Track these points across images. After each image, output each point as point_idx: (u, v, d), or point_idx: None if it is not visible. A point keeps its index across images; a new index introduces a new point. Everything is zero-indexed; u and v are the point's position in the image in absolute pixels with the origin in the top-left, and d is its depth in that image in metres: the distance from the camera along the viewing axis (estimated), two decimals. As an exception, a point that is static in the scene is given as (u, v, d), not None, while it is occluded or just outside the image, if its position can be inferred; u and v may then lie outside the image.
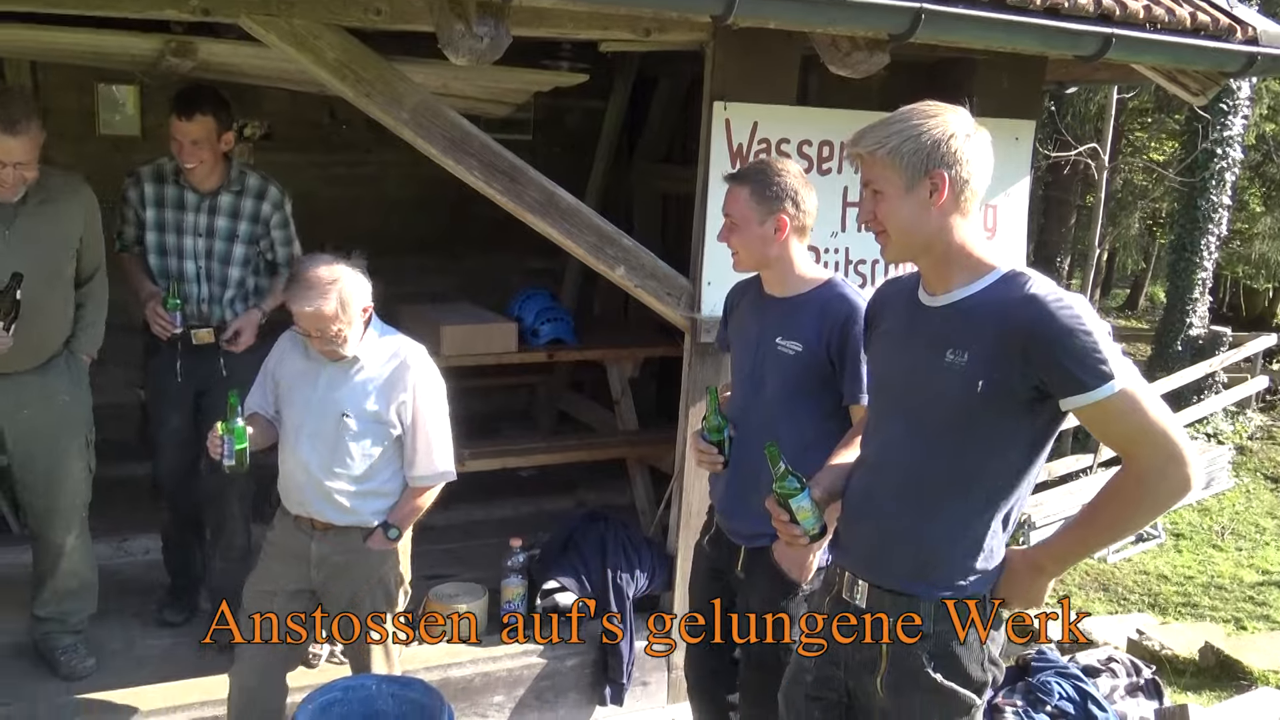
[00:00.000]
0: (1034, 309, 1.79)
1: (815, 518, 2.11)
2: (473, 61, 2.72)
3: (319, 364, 2.76)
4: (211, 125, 3.24)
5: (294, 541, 2.83)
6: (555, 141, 5.79)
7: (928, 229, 1.87)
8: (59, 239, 3.09)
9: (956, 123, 1.86)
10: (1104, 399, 1.76)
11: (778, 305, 2.63)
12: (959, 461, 1.90)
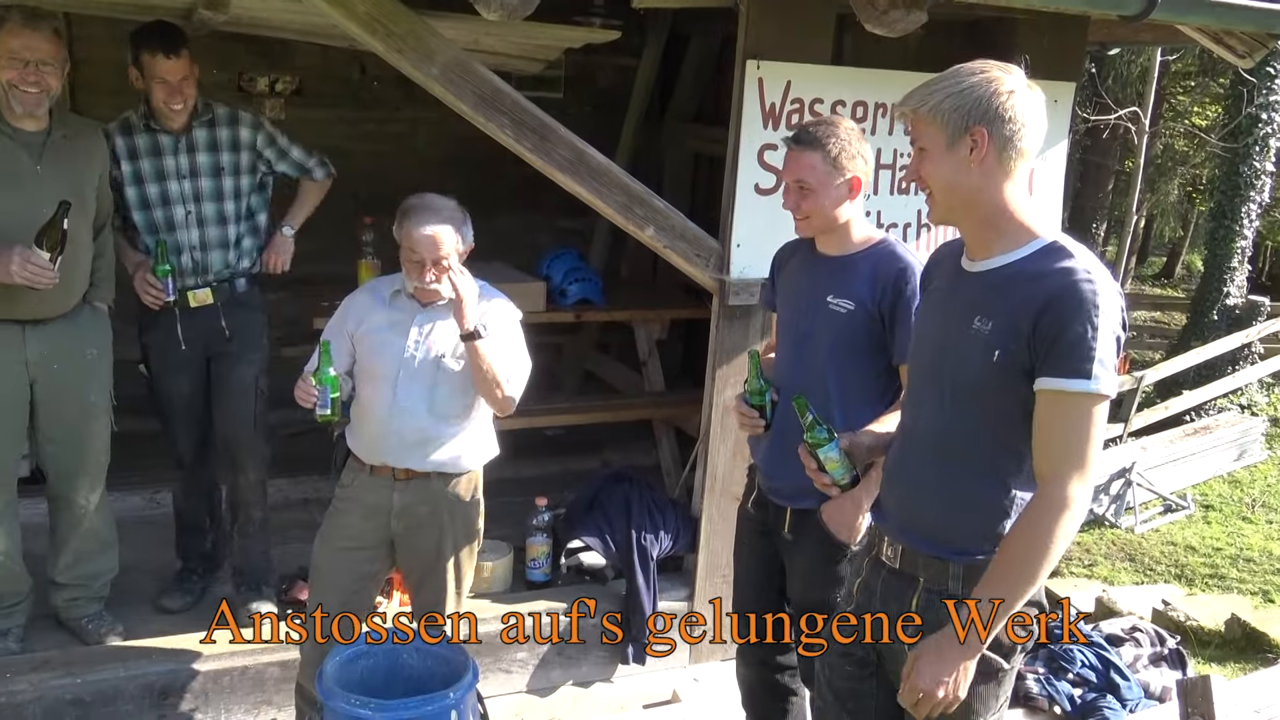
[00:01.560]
0: (1063, 279, 1.78)
1: (844, 468, 2.16)
2: (504, 17, 2.69)
3: (409, 313, 2.81)
4: (189, 60, 3.18)
5: (373, 494, 2.86)
6: (586, 100, 5.74)
7: (969, 187, 1.85)
8: (85, 175, 3.08)
9: (1002, 80, 1.83)
10: (1070, 393, 1.76)
11: (830, 264, 2.61)
12: (981, 431, 1.91)
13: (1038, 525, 1.79)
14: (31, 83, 2.85)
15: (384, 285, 2.90)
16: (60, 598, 3.33)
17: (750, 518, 2.84)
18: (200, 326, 3.34)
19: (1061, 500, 1.77)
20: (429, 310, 2.81)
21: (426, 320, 2.81)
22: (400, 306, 2.83)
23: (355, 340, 2.85)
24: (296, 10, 3.13)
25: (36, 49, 2.83)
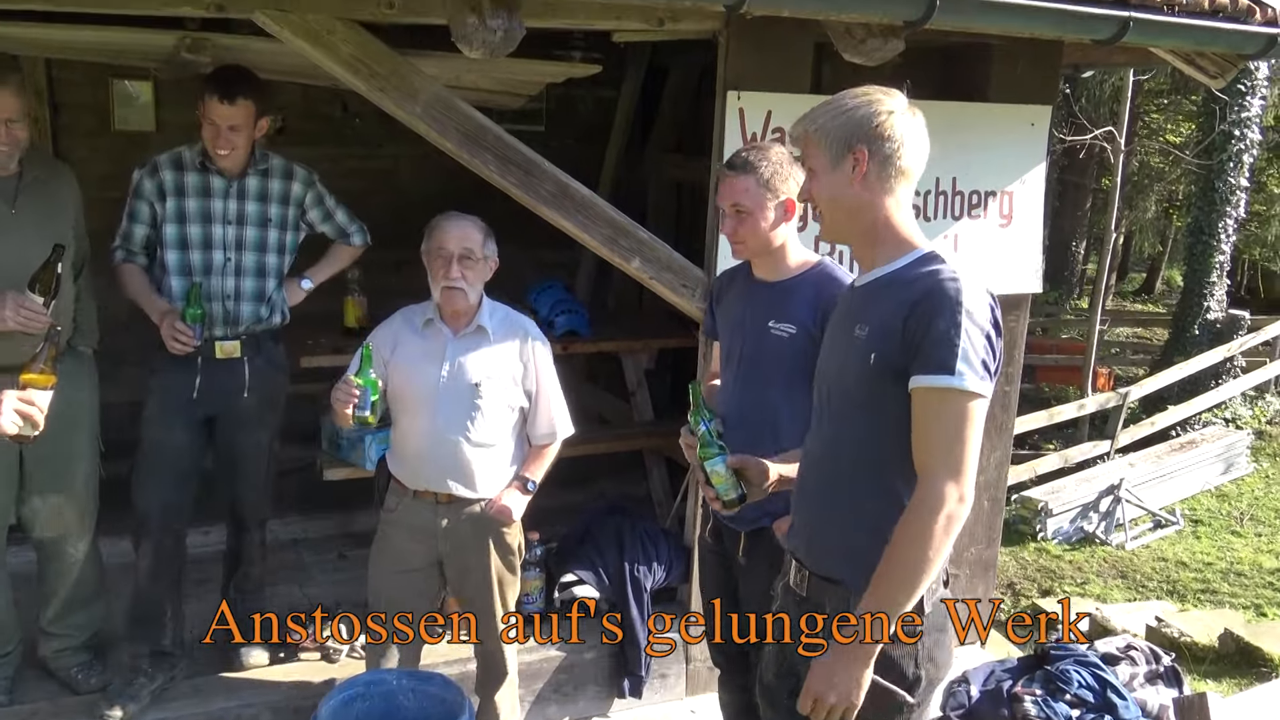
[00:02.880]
0: (929, 281, 1.84)
1: (729, 484, 2.25)
2: (487, 54, 2.72)
3: (442, 340, 2.87)
4: (251, 110, 3.10)
5: (418, 517, 2.94)
6: (568, 132, 5.78)
7: (852, 204, 1.93)
8: (62, 216, 3.03)
9: (883, 102, 1.91)
10: (936, 388, 1.79)
11: (769, 289, 2.63)
12: (866, 443, 1.94)
13: (912, 526, 1.80)
14: (3, 141, 2.81)
15: (416, 314, 2.95)
16: (49, 647, 3.28)
17: (709, 548, 2.84)
18: (220, 380, 3.22)
19: (934, 499, 1.78)
20: (461, 339, 2.88)
21: (460, 348, 2.87)
22: (433, 335, 2.89)
23: (390, 368, 2.90)
24: (279, 51, 3.13)
25: (5, 108, 2.78)
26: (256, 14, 2.79)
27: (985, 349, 1.80)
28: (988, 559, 4.31)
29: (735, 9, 2.80)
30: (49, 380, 2.27)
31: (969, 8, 3.00)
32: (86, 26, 2.96)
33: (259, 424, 3.33)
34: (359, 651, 3.50)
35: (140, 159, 3.33)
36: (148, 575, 3.28)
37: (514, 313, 3.02)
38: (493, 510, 2.94)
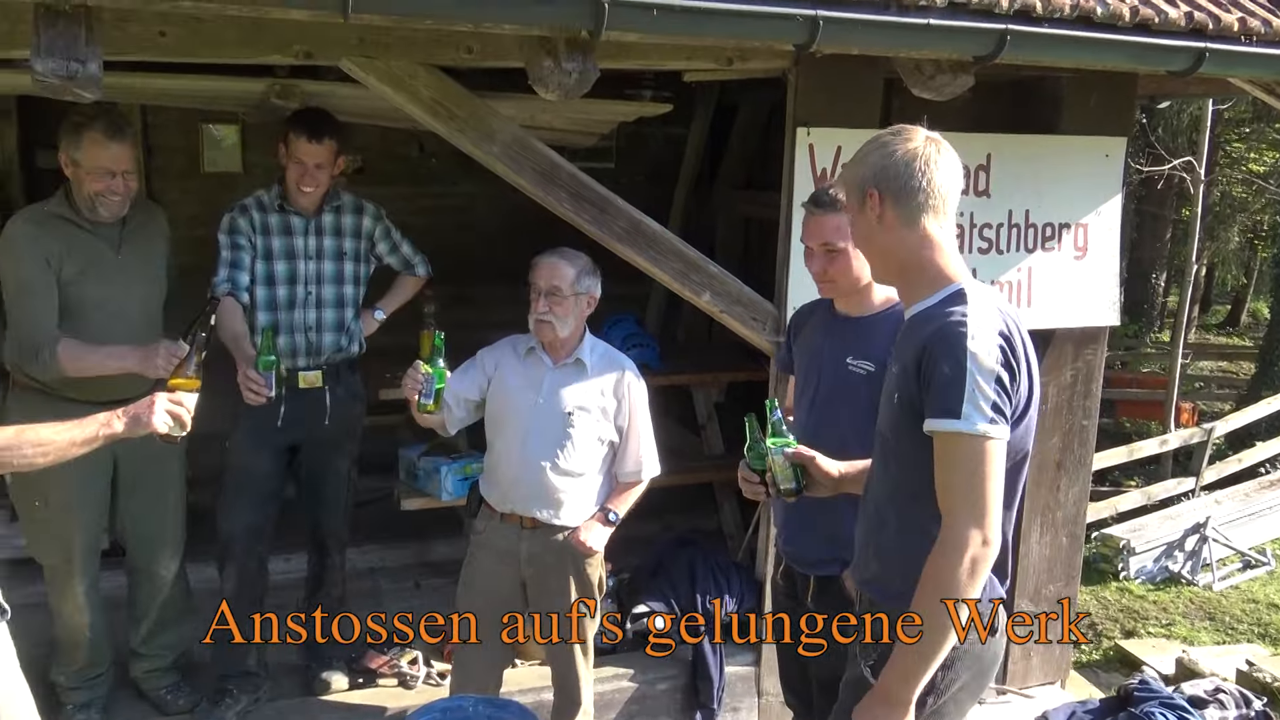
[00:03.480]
0: (940, 324, 1.85)
1: (787, 475, 2.30)
2: (562, 96, 2.79)
3: (541, 370, 2.99)
4: (333, 149, 3.29)
5: (503, 540, 3.03)
6: (638, 169, 5.87)
7: (880, 246, 1.97)
8: (159, 258, 3.21)
9: (892, 141, 1.93)
10: (940, 431, 1.81)
11: (851, 325, 2.61)
12: (899, 479, 1.96)
13: (934, 570, 1.81)
14: (118, 191, 2.98)
15: (520, 342, 3.07)
16: (140, 668, 3.41)
17: (781, 589, 2.82)
18: (303, 408, 3.34)
19: (956, 542, 1.79)
20: (560, 369, 2.99)
21: (557, 378, 2.98)
22: (533, 363, 3.01)
23: (492, 382, 3.01)
24: (363, 96, 3.27)
25: (121, 160, 2.97)
26: (343, 61, 2.92)
27: (996, 390, 1.80)
28: (1066, 596, 4.22)
29: (805, 48, 2.84)
30: (195, 385, 2.40)
31: (1039, 42, 3.00)
32: (184, 75, 3.12)
33: (339, 451, 3.46)
34: (435, 679, 3.56)
35: (228, 200, 3.51)
36: (233, 598, 3.40)
37: (615, 351, 3.12)
38: (574, 541, 2.99)
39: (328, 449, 3.44)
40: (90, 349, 2.87)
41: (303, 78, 3.38)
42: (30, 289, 2.92)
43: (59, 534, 3.09)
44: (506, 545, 3.03)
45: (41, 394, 2.95)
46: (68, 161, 2.97)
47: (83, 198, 2.98)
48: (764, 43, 2.95)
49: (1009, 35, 2.93)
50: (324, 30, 2.80)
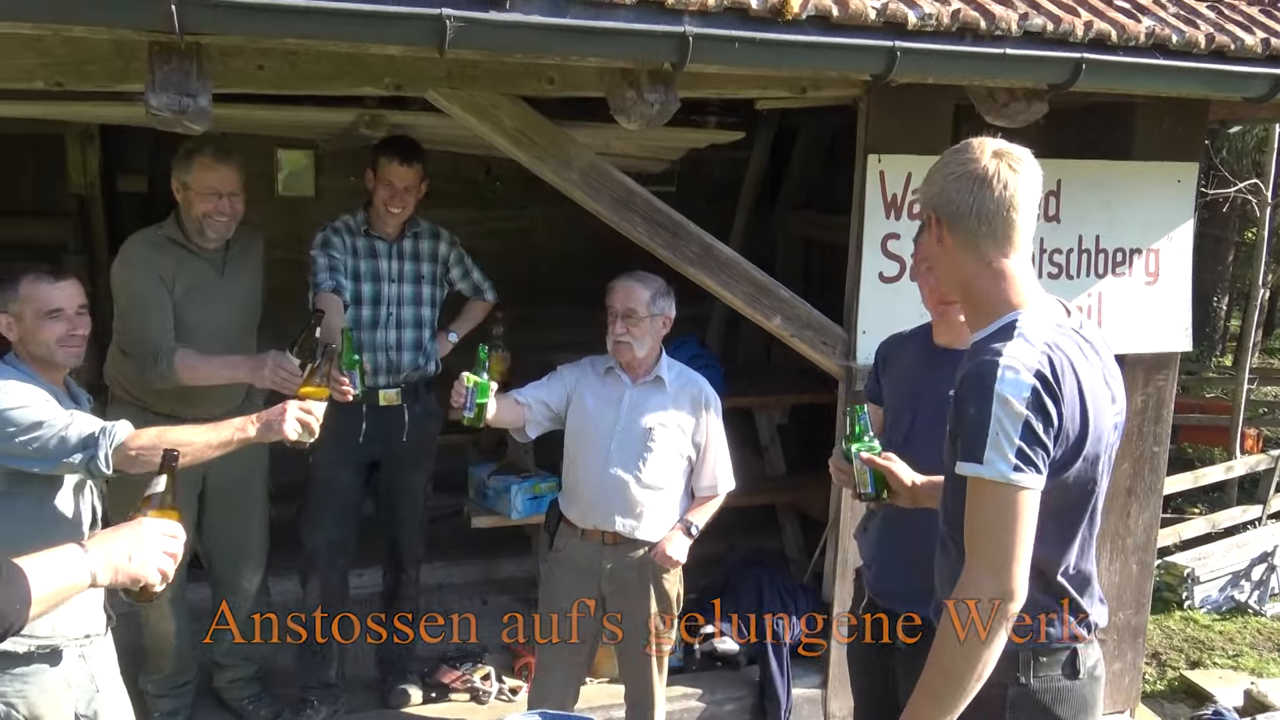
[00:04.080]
0: (976, 359, 1.77)
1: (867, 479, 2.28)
2: (643, 126, 2.87)
3: (621, 387, 3.07)
4: (420, 173, 3.42)
5: (584, 556, 3.10)
6: (698, 192, 5.93)
7: (943, 268, 1.91)
8: (257, 280, 3.37)
9: (950, 165, 1.82)
10: (965, 474, 1.74)
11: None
12: (951, 506, 1.89)
13: (954, 609, 1.74)
14: (224, 213, 3.13)
15: (600, 362, 3.15)
16: (223, 678, 3.52)
17: (861, 625, 2.67)
18: (383, 426, 3.46)
19: (971, 591, 1.72)
20: (639, 387, 3.07)
21: (637, 396, 3.06)
22: (612, 382, 3.09)
23: (572, 399, 3.09)
24: (446, 125, 3.37)
25: (228, 181, 3.11)
26: (430, 92, 3.03)
27: (1023, 437, 1.70)
28: (1137, 625, 4.18)
29: (881, 78, 2.89)
30: (324, 393, 2.50)
31: (1115, 70, 3.02)
32: (280, 106, 3.25)
33: (416, 468, 3.56)
34: (507, 694, 3.62)
35: (300, 223, 3.63)
36: (315, 609, 3.50)
37: (689, 370, 3.20)
38: (657, 557, 3.06)
39: (406, 466, 3.55)
40: (205, 358, 3.00)
41: (389, 108, 3.49)
42: (147, 302, 3.06)
43: None
44: (587, 562, 3.10)
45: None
46: (179, 186, 3.13)
47: (192, 220, 3.13)
48: (841, 72, 3.00)
49: (1084, 64, 2.95)
50: (414, 63, 2.91)
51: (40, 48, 2.67)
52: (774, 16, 2.71)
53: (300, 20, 2.34)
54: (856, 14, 2.76)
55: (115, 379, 3.22)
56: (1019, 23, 2.92)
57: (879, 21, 2.80)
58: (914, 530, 2.43)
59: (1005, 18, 2.91)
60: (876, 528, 2.62)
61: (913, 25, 2.83)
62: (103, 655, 2.56)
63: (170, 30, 2.27)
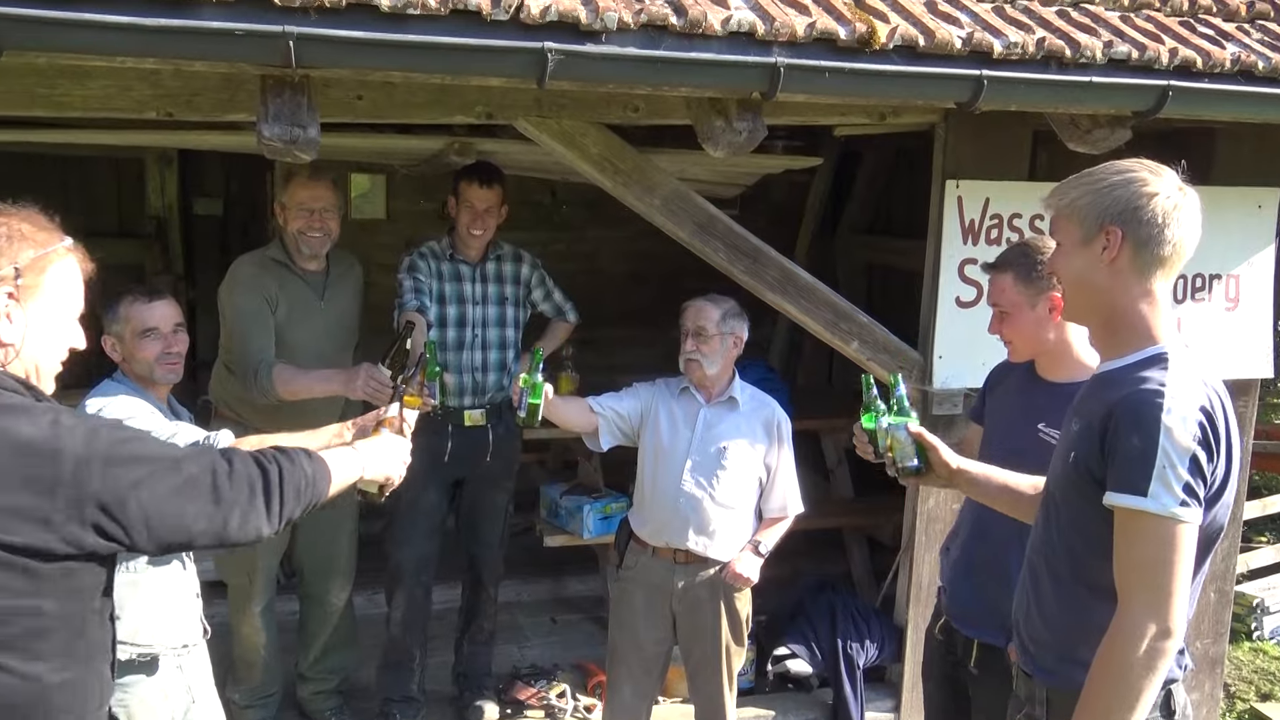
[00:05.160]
0: (1134, 390, 1.71)
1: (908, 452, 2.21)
2: (730, 154, 2.92)
3: (695, 406, 3.12)
4: (500, 195, 3.51)
5: (655, 575, 3.14)
6: (760, 214, 5.95)
7: (1095, 286, 1.80)
8: (354, 304, 3.47)
9: (1148, 181, 1.76)
10: (1122, 507, 1.68)
11: (1049, 390, 2.47)
12: (1061, 541, 1.85)
13: (1109, 660, 1.69)
14: (317, 228, 3.23)
15: (674, 383, 3.20)
16: (306, 690, 3.60)
17: (937, 644, 2.73)
18: (467, 445, 3.54)
19: (1131, 631, 1.66)
20: (714, 406, 3.12)
21: (712, 415, 3.11)
22: (687, 401, 3.14)
23: (646, 417, 3.14)
24: (528, 152, 3.45)
25: (320, 198, 3.24)
26: (519, 120, 3.10)
27: (1190, 471, 1.66)
28: (1215, 655, 4.13)
29: (966, 106, 2.92)
30: (419, 403, 2.54)
31: (1201, 97, 3.03)
32: (374, 134, 3.35)
33: (499, 487, 3.63)
34: (582, 712, 3.66)
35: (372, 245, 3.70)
36: (400, 625, 3.58)
37: (762, 392, 3.24)
38: (728, 576, 3.08)
39: (488, 485, 3.61)
40: (301, 372, 3.10)
41: (477, 135, 3.58)
42: (250, 318, 3.17)
43: (244, 557, 3.28)
44: (658, 580, 3.13)
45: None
46: (279, 207, 3.27)
47: (290, 238, 3.23)
48: (927, 100, 3.04)
49: (1170, 91, 2.96)
50: (505, 93, 2.99)
51: (154, 80, 2.79)
52: (861, 46, 2.75)
53: (410, 54, 2.42)
54: (943, 43, 2.80)
55: (219, 396, 3.33)
56: (1104, 50, 2.94)
57: (965, 50, 2.84)
58: (994, 555, 2.45)
59: (1090, 45, 2.93)
60: (958, 548, 2.63)
61: (998, 54, 2.86)
62: (198, 666, 2.64)
63: (286, 64, 2.36)
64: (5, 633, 1.43)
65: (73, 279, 1.61)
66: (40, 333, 1.56)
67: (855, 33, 2.73)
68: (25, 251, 1.52)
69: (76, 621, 1.52)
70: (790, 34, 2.66)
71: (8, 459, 1.42)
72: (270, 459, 1.69)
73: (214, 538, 1.59)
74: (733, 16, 2.62)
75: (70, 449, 1.44)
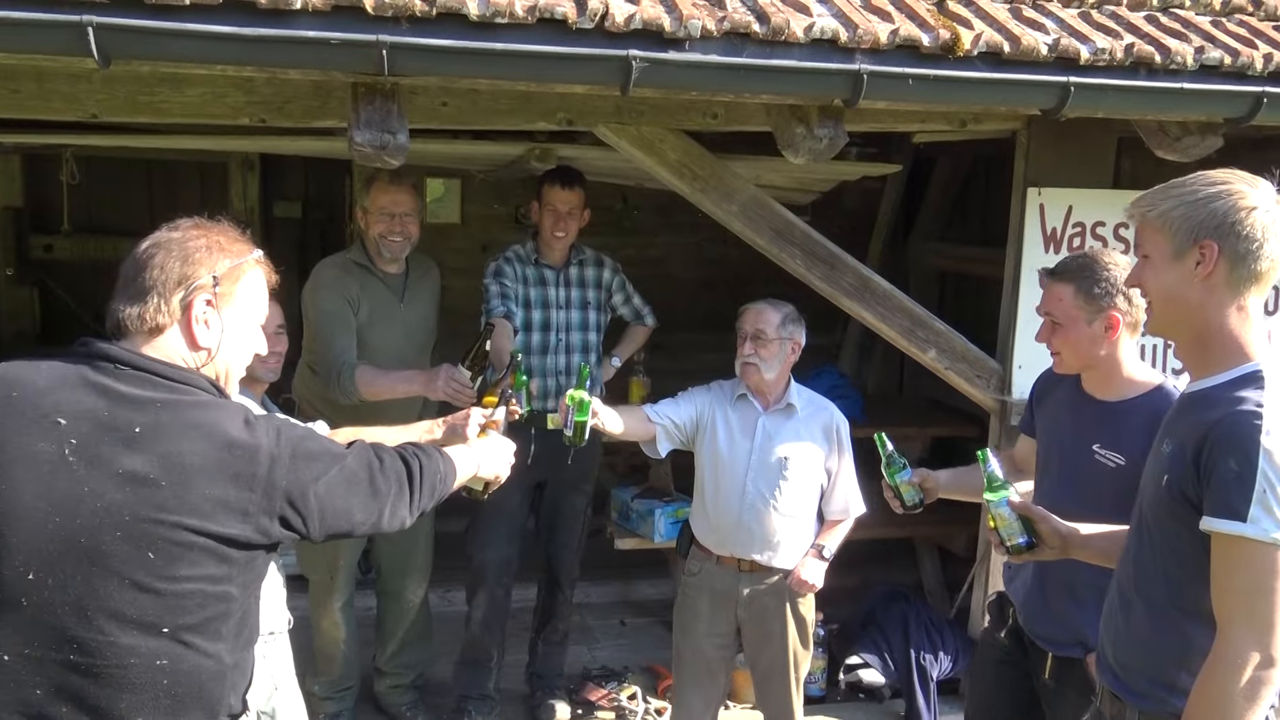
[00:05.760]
0: (1230, 412, 1.65)
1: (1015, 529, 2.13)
2: (810, 160, 2.92)
3: (754, 415, 3.08)
4: (581, 197, 3.55)
5: (720, 582, 3.12)
6: (832, 220, 5.90)
7: (1188, 302, 1.73)
8: (432, 307, 3.53)
9: (1245, 194, 1.69)
10: (1221, 533, 1.62)
11: (1099, 409, 2.41)
12: (1156, 563, 1.80)
13: (1209, 689, 1.64)
14: (397, 233, 3.30)
15: (729, 389, 3.16)
16: (383, 685, 3.67)
17: (997, 645, 2.68)
18: (550, 449, 3.51)
19: (1233, 659, 1.61)
20: (772, 414, 3.08)
21: (771, 423, 3.07)
22: (744, 409, 3.11)
23: (699, 424, 3.10)
24: (606, 158, 3.49)
25: (401, 203, 3.30)
26: (599, 127, 3.14)
27: None
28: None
29: (1052, 113, 2.88)
30: (494, 402, 2.55)
31: (1298, 103, 2.95)
32: (459, 140, 3.42)
33: (579, 491, 3.66)
34: (653, 715, 3.67)
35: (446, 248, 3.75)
36: (480, 624, 3.62)
37: (819, 395, 3.21)
38: (794, 583, 3.08)
39: (568, 488, 3.65)
40: (382, 373, 3.16)
41: (557, 141, 3.63)
42: (333, 320, 3.25)
43: (327, 552, 3.36)
44: (724, 587, 3.13)
45: None
46: (361, 211, 3.34)
47: (371, 242, 3.31)
48: (1010, 107, 3.00)
49: (1265, 98, 2.89)
50: (586, 99, 3.03)
51: (248, 87, 2.89)
52: (945, 53, 2.74)
53: (497, 62, 2.47)
54: (1028, 50, 2.77)
55: (302, 394, 3.42)
56: (1195, 56, 2.88)
57: (1050, 57, 2.80)
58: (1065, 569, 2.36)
59: (1181, 51, 2.87)
60: (1027, 575, 2.55)
61: (1085, 60, 2.82)
62: (281, 655, 2.72)
63: (379, 72, 2.43)
64: (200, 616, 1.52)
65: (261, 289, 1.70)
66: (232, 338, 1.65)
67: (939, 39, 2.72)
68: (222, 261, 1.61)
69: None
70: (873, 41, 2.66)
71: (217, 453, 1.52)
72: (412, 454, 1.81)
73: (371, 527, 1.72)
74: (815, 24, 2.62)
75: (266, 446, 1.56)
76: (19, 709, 1.46)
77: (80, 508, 1.47)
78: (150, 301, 1.56)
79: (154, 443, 1.50)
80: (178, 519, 1.48)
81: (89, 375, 1.54)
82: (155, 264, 1.57)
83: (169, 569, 1.48)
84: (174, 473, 1.49)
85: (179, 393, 1.55)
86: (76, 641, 1.46)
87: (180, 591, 1.49)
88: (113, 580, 1.47)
